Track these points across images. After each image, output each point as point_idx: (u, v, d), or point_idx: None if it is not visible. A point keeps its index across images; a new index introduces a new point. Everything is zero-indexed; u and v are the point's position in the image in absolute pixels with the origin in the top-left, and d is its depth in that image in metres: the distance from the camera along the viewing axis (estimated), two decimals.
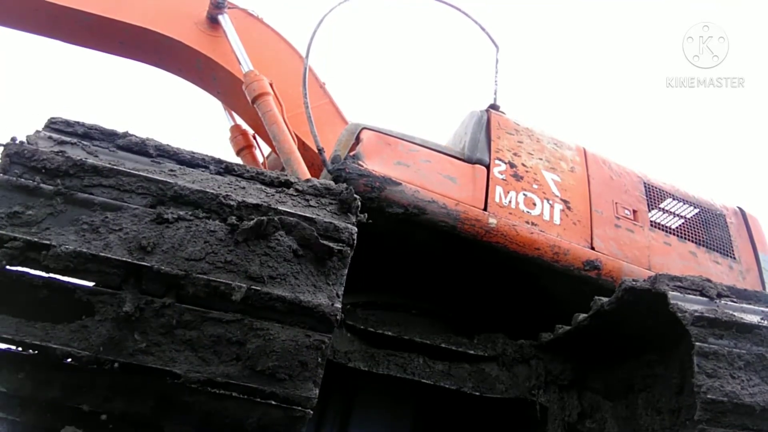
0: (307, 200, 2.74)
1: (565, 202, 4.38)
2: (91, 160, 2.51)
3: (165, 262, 2.37)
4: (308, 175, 4.42)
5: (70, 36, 5.33)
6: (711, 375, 2.85)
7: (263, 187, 2.75)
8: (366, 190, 3.71)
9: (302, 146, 5.06)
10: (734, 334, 2.96)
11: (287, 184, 2.78)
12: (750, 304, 3.20)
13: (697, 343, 2.88)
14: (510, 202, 4.15)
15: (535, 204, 4.24)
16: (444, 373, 3.91)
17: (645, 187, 4.91)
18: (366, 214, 2.91)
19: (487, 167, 4.24)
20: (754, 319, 3.06)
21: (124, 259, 2.35)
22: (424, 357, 3.92)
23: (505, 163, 4.33)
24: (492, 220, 3.96)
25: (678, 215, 4.96)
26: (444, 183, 4.02)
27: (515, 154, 4.43)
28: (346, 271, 2.65)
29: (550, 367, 3.97)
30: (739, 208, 5.32)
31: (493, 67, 5.19)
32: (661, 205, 4.95)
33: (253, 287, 2.43)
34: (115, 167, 2.52)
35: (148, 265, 2.35)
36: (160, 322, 2.34)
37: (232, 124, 6.18)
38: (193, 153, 2.79)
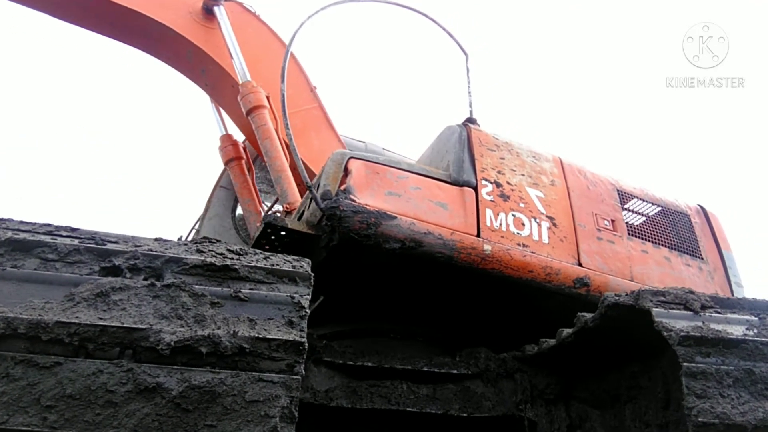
0: None
1: (550, 218, 4.28)
2: None
3: None
4: (297, 195, 4.35)
5: (61, 11, 5.18)
6: (700, 396, 2.82)
7: None
8: (362, 227, 3.55)
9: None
10: (721, 350, 2.92)
11: None
12: (734, 313, 3.15)
13: (684, 364, 2.84)
14: (501, 224, 4.04)
15: (524, 224, 4.14)
16: (429, 397, 3.82)
17: (618, 194, 4.85)
18: None
19: (475, 189, 4.10)
20: (739, 331, 3.02)
21: None
22: (407, 383, 3.82)
23: (491, 182, 4.20)
24: (487, 247, 3.86)
25: (650, 219, 4.93)
26: (436, 211, 3.88)
27: (499, 172, 4.29)
28: None
29: (535, 381, 3.90)
30: (699, 206, 5.31)
31: (465, 77, 5.00)
32: (634, 210, 4.92)
33: None
34: None
35: None
36: None
37: (224, 133, 5.97)
38: None
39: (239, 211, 5.62)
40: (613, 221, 4.57)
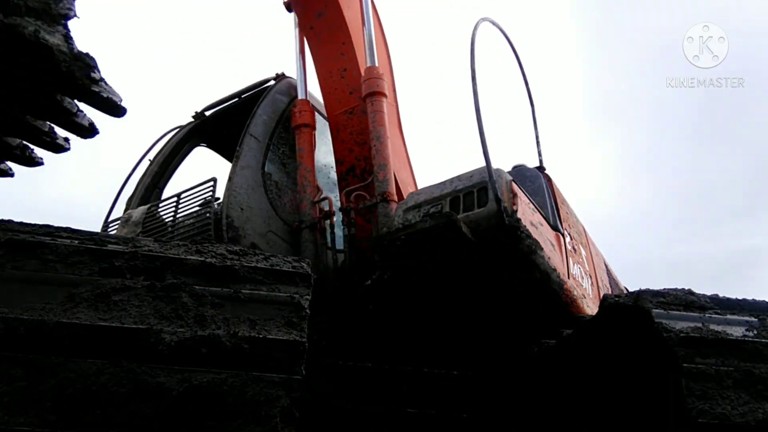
0: None
1: (590, 276, 4.54)
2: None
3: None
4: (393, 188, 4.51)
5: None
6: (700, 397, 2.81)
7: None
8: (527, 252, 3.68)
9: None
10: (721, 351, 2.92)
11: None
12: (734, 314, 3.15)
13: (684, 365, 2.83)
14: (576, 273, 4.26)
15: (583, 277, 4.37)
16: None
17: (605, 265, 5.31)
18: None
19: (562, 236, 4.32)
20: (739, 332, 3.02)
21: None
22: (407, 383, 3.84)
23: (567, 233, 4.43)
24: (576, 292, 4.06)
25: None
26: (551, 250, 4.03)
27: (569, 225, 4.53)
28: None
29: None
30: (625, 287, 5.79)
31: (533, 127, 5.20)
32: (610, 282, 5.38)
33: None
34: None
35: None
36: None
37: (303, 97, 5.69)
38: None
39: (268, 168, 5.30)
40: (609, 289, 4.98)
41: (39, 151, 2.72)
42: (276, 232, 4.72)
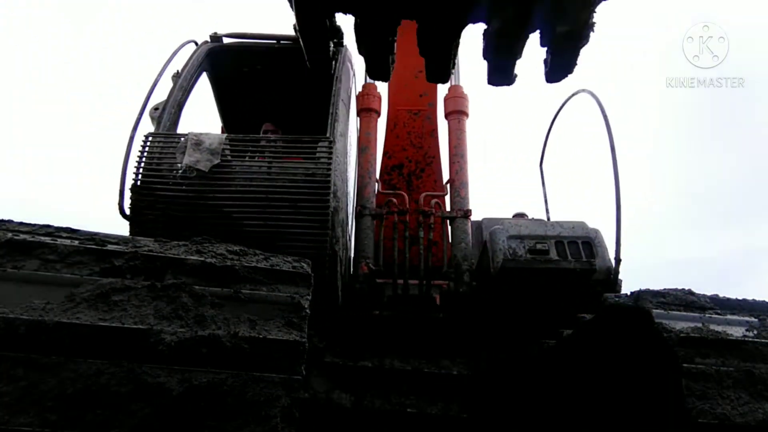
0: None
1: None
2: None
3: None
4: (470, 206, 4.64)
5: None
6: (700, 397, 2.80)
7: None
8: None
9: None
10: (721, 351, 2.92)
11: None
12: (734, 314, 3.15)
13: (684, 365, 2.83)
14: None
15: None
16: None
17: None
18: None
19: None
20: (739, 332, 3.02)
21: None
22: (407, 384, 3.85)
23: None
24: None
25: None
26: None
27: None
28: None
29: None
30: None
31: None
32: None
33: None
34: None
35: None
36: None
37: (370, 81, 5.49)
38: None
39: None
40: None
41: None
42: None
